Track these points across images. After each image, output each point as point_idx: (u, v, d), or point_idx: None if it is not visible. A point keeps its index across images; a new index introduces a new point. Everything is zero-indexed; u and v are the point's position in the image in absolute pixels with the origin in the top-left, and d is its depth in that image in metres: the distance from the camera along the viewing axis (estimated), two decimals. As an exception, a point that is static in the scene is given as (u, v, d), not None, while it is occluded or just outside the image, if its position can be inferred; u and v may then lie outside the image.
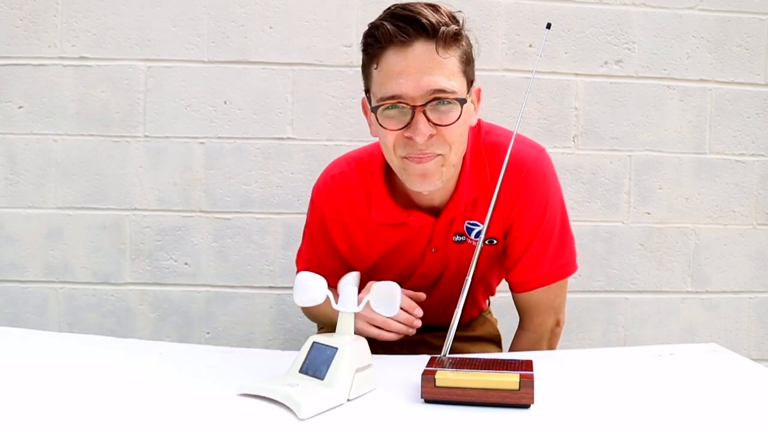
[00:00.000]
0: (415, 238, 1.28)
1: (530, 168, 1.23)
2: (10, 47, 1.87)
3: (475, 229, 1.27)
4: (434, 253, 1.29)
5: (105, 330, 1.92)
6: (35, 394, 0.90)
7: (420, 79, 1.07)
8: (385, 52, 1.10)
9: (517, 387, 0.90)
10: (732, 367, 1.12)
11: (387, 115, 1.11)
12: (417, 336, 1.40)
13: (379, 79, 1.11)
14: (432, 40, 1.08)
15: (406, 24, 1.07)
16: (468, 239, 1.28)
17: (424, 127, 1.08)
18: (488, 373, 0.93)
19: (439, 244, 1.28)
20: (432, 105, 1.09)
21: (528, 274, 1.29)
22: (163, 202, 1.93)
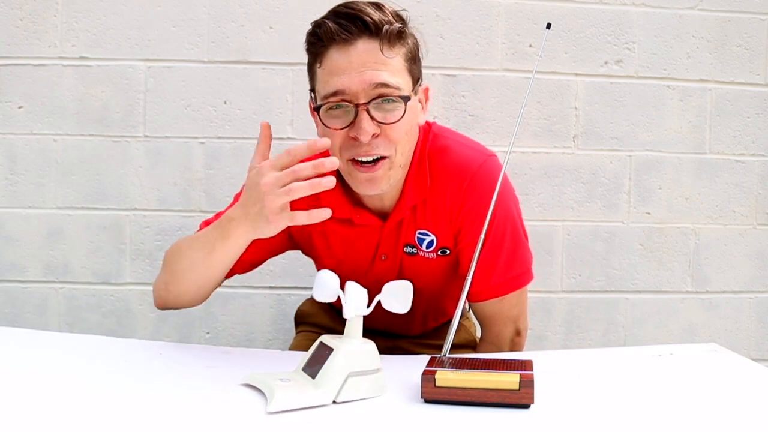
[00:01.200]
0: (363, 241, 1.25)
1: (475, 173, 1.19)
2: (10, 47, 1.87)
3: (426, 239, 1.23)
4: (384, 261, 1.26)
5: (105, 330, 1.92)
6: (35, 394, 0.90)
7: (363, 74, 1.06)
8: (327, 51, 1.09)
9: (517, 387, 0.89)
10: (732, 367, 1.12)
11: (331, 115, 1.09)
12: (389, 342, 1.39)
13: (322, 77, 1.10)
14: (375, 38, 1.07)
15: (348, 22, 1.06)
16: (420, 251, 1.24)
17: (368, 126, 1.06)
18: (488, 373, 0.93)
19: (389, 251, 1.25)
20: (376, 103, 1.07)
21: (479, 284, 1.23)
22: (163, 202, 1.92)
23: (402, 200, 1.20)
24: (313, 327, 1.50)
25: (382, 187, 1.13)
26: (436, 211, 1.22)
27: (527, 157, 1.96)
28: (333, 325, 1.47)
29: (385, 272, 1.27)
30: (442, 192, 1.20)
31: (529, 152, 1.96)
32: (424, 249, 1.24)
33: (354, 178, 1.13)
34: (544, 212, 1.99)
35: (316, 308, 1.53)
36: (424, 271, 1.27)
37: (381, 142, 1.09)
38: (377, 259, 1.26)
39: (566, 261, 2.01)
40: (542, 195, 1.98)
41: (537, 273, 2.00)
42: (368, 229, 1.23)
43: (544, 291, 2.01)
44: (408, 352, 1.42)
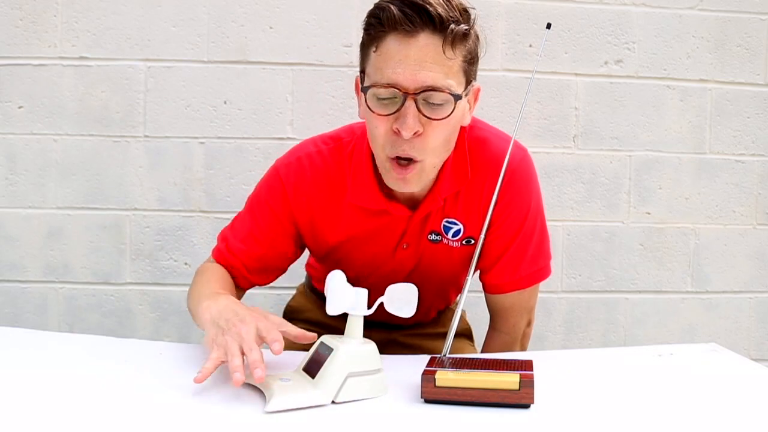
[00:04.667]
0: (387, 231, 1.23)
1: (515, 169, 1.19)
2: (10, 47, 1.87)
3: (453, 228, 1.22)
4: (405, 249, 1.24)
5: (105, 330, 1.92)
6: (35, 394, 0.90)
7: (418, 72, 1.02)
8: (386, 36, 1.03)
9: (517, 387, 0.89)
10: (732, 367, 1.12)
11: (377, 101, 1.05)
12: (386, 334, 1.40)
13: (376, 63, 1.05)
14: (439, 34, 1.03)
15: (414, 12, 1.01)
16: (444, 239, 1.24)
17: (413, 120, 1.03)
18: (488, 373, 0.93)
19: (412, 240, 1.23)
20: (425, 97, 1.03)
21: (505, 277, 1.25)
22: (163, 202, 1.92)
23: (436, 191, 1.18)
24: (303, 323, 1.49)
25: (413, 188, 1.12)
26: (469, 201, 1.20)
27: (527, 157, 1.96)
28: (325, 319, 1.45)
29: (404, 260, 1.26)
30: (479, 183, 1.19)
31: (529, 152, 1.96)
32: (450, 237, 1.23)
33: (388, 174, 1.11)
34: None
35: (307, 303, 1.51)
36: (444, 260, 1.26)
37: (418, 143, 1.06)
38: (399, 248, 1.25)
39: (566, 261, 2.01)
40: (542, 195, 1.98)
41: (537, 273, 2.01)
42: (396, 218, 1.21)
43: (544, 291, 2.00)
44: (404, 344, 1.42)
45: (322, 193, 1.22)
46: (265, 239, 1.25)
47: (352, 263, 1.27)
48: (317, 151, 1.22)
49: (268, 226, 1.24)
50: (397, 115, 1.05)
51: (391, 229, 1.23)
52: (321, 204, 1.22)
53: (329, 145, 1.23)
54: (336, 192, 1.21)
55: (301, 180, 1.21)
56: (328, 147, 1.22)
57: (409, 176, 1.09)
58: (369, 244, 1.25)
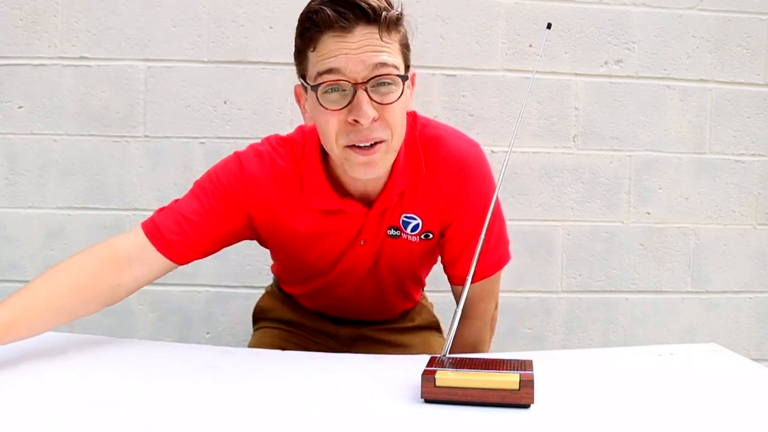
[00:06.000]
0: (344, 229, 1.24)
1: (471, 165, 1.21)
2: (10, 47, 1.87)
3: (412, 223, 1.24)
4: (363, 246, 1.25)
5: (105, 330, 1.92)
6: (35, 394, 0.90)
7: (361, 54, 1.04)
8: (322, 36, 1.06)
9: (517, 387, 0.89)
10: (732, 367, 1.12)
11: (327, 98, 1.07)
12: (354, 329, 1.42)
13: (316, 60, 1.07)
14: (374, 24, 1.06)
15: (346, 9, 1.04)
16: (403, 233, 1.25)
17: (368, 108, 1.05)
18: (488, 373, 0.93)
19: (369, 236, 1.24)
20: (373, 84, 1.06)
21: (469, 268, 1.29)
22: (163, 202, 1.90)
23: (390, 187, 1.19)
24: (272, 322, 1.49)
25: (379, 170, 1.13)
26: (426, 197, 1.22)
27: (527, 157, 1.96)
28: (294, 318, 1.46)
29: (362, 256, 1.27)
30: (437, 180, 1.21)
31: (529, 152, 1.96)
32: (408, 232, 1.25)
33: (350, 162, 1.11)
34: (544, 212, 1.99)
35: (275, 303, 1.51)
36: (404, 254, 1.28)
37: (379, 125, 1.08)
38: (356, 244, 1.26)
39: (566, 261, 2.01)
40: (542, 195, 1.98)
41: (537, 273, 2.01)
42: (352, 216, 1.22)
43: (544, 291, 2.01)
44: (373, 339, 1.43)
45: (276, 191, 1.22)
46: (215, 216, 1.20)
47: (307, 258, 1.28)
48: (276, 152, 1.23)
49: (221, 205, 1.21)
50: (349, 108, 1.06)
51: (347, 227, 1.24)
52: (276, 203, 1.22)
53: (284, 147, 1.24)
54: (291, 193, 1.22)
55: (261, 175, 1.21)
56: (284, 149, 1.23)
57: (374, 157, 1.10)
58: (324, 242, 1.25)
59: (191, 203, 1.22)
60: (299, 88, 1.16)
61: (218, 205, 1.20)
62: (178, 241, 1.18)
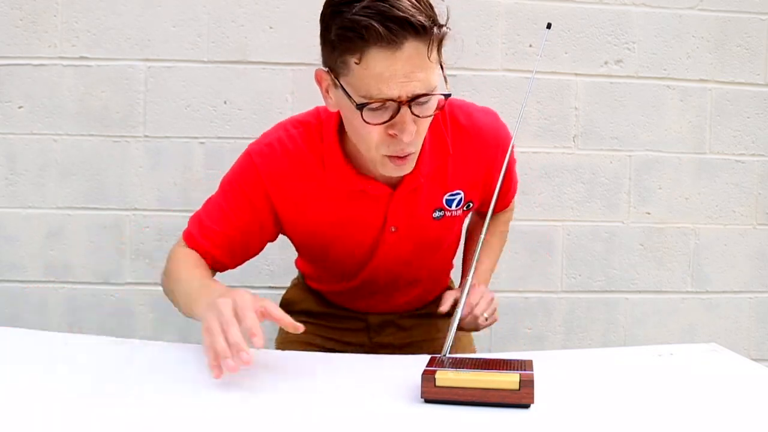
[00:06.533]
0: (368, 212, 1.23)
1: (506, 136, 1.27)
2: (10, 47, 1.87)
3: (456, 199, 1.26)
4: (394, 233, 1.24)
5: (105, 330, 1.92)
6: (35, 395, 0.90)
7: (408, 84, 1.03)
8: (369, 49, 1.02)
9: (517, 387, 0.89)
10: (732, 367, 1.12)
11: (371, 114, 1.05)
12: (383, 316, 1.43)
13: (362, 76, 1.03)
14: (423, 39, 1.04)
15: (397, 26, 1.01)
16: (447, 212, 1.26)
17: (410, 125, 1.05)
18: (488, 373, 0.93)
19: (400, 222, 1.23)
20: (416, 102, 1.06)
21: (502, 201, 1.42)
22: (163, 202, 1.93)
23: (416, 168, 1.18)
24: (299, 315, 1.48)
25: (409, 170, 1.15)
26: (465, 170, 1.24)
27: (527, 157, 1.96)
28: (321, 309, 1.45)
29: (397, 244, 1.26)
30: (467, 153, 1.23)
31: (529, 152, 1.96)
32: (453, 208, 1.26)
33: (385, 168, 1.13)
34: (544, 212, 1.99)
35: (302, 294, 1.50)
36: (446, 233, 1.30)
37: (416, 138, 1.09)
38: (386, 231, 1.25)
39: (566, 261, 2.01)
40: (542, 195, 1.98)
41: (537, 273, 2.01)
42: (376, 198, 1.21)
43: (544, 291, 2.01)
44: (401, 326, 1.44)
45: (297, 176, 1.21)
46: (238, 222, 1.23)
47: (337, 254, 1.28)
48: (288, 135, 1.22)
49: (242, 209, 1.22)
50: (392, 123, 1.06)
51: (371, 210, 1.23)
52: (297, 189, 1.21)
53: (299, 129, 1.22)
54: (311, 175, 1.21)
55: (275, 165, 1.21)
56: (298, 131, 1.22)
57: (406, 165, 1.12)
58: (351, 229, 1.24)
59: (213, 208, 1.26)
60: (322, 72, 1.14)
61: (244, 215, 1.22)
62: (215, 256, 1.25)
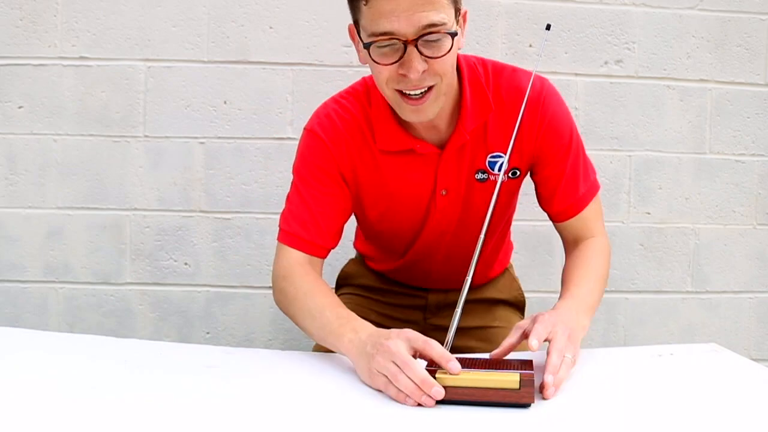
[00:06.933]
0: (420, 174, 1.24)
1: (546, 94, 1.23)
2: (10, 47, 1.87)
3: (498, 162, 1.25)
4: (445, 196, 1.26)
5: (105, 330, 1.92)
6: (35, 395, 0.90)
7: (411, 16, 1.05)
8: None
9: (517, 386, 0.89)
10: (732, 367, 1.12)
11: (379, 52, 1.09)
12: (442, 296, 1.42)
13: (368, 15, 1.08)
14: None
15: None
16: (491, 175, 1.25)
17: (418, 63, 1.07)
18: (488, 372, 0.93)
19: (450, 184, 1.25)
20: (424, 39, 1.07)
21: (569, 199, 1.29)
22: (163, 202, 1.93)
23: (460, 125, 1.20)
24: (356, 288, 1.50)
25: (429, 115, 1.15)
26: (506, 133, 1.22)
27: (527, 157, 1.96)
28: (379, 285, 1.47)
29: (447, 209, 1.27)
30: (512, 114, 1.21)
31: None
32: (496, 172, 1.25)
33: (401, 108, 1.14)
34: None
35: (361, 269, 1.52)
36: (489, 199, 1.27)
37: (428, 75, 1.09)
38: (437, 195, 1.26)
39: (566, 261, 2.01)
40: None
41: (537, 273, 2.01)
42: (425, 158, 1.23)
43: (544, 291, 2.01)
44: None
45: (355, 142, 1.24)
46: (326, 201, 1.24)
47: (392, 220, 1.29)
48: (340, 105, 1.26)
49: (324, 185, 1.24)
50: (401, 62, 1.08)
51: (422, 171, 1.24)
52: (356, 154, 1.24)
53: (348, 98, 1.26)
54: (365, 140, 1.24)
55: (336, 132, 1.24)
56: (348, 100, 1.26)
57: (425, 105, 1.12)
58: (404, 193, 1.26)
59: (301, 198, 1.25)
60: (353, 28, 1.17)
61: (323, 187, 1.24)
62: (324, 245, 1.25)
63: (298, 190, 1.26)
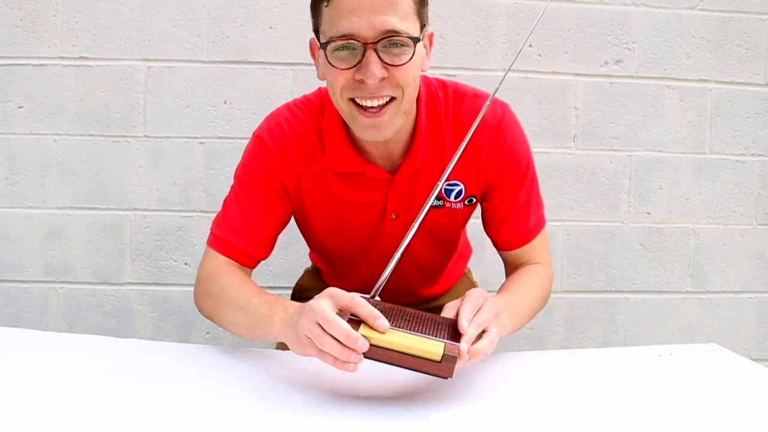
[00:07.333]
0: (368, 198, 1.21)
1: (507, 122, 1.20)
2: (10, 47, 1.87)
3: (455, 190, 1.22)
4: (395, 220, 1.22)
5: (105, 330, 1.92)
6: (35, 395, 0.90)
7: (373, 18, 1.01)
8: None
9: (439, 359, 0.87)
10: (732, 367, 1.12)
11: (337, 56, 1.05)
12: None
13: (329, 17, 1.05)
14: None
15: None
16: (446, 202, 1.23)
17: (376, 68, 1.03)
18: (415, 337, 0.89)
19: (400, 209, 1.21)
20: (384, 45, 1.03)
21: (517, 230, 1.26)
22: (163, 202, 1.93)
23: (412, 153, 1.17)
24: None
25: (386, 133, 1.10)
26: (466, 160, 1.19)
27: (527, 157, 1.96)
28: None
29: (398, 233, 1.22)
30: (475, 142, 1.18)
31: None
32: (452, 200, 1.23)
33: (357, 122, 1.10)
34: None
35: (316, 282, 1.49)
36: (446, 223, 1.26)
37: (388, 84, 1.05)
38: (387, 219, 1.23)
39: (566, 261, 2.01)
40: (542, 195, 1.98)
41: (537, 273, 2.00)
42: (375, 182, 1.20)
43: (544, 291, 2.01)
44: None
45: (304, 155, 1.20)
46: (263, 211, 1.21)
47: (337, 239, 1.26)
48: (293, 115, 1.21)
49: (264, 196, 1.21)
50: (358, 67, 1.04)
51: (371, 194, 1.21)
52: (302, 168, 1.20)
53: (302, 109, 1.22)
54: (315, 154, 1.20)
55: (285, 143, 1.19)
56: (302, 110, 1.21)
57: (383, 119, 1.08)
58: (351, 214, 1.23)
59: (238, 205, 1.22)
60: (314, 40, 1.14)
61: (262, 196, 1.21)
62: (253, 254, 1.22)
63: (236, 196, 1.22)
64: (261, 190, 1.20)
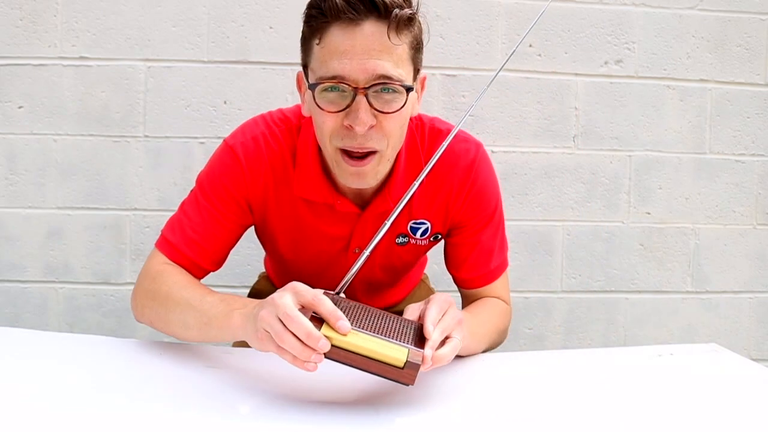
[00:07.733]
0: (334, 229, 1.19)
1: (479, 162, 1.18)
2: (10, 47, 1.87)
3: (421, 228, 1.21)
4: (357, 254, 1.15)
5: (105, 330, 1.92)
6: (35, 395, 0.90)
7: (366, 61, 0.98)
8: (329, 27, 1.00)
9: (401, 365, 0.84)
10: (732, 367, 1.12)
11: (325, 97, 1.01)
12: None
13: (320, 56, 1.01)
14: (384, 20, 0.99)
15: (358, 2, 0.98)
16: (411, 239, 1.22)
17: (365, 115, 0.99)
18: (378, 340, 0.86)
19: (363, 244, 1.15)
20: (375, 90, 1.00)
21: (478, 270, 1.24)
22: (163, 202, 1.92)
23: (386, 192, 1.15)
24: None
25: (369, 182, 1.09)
26: (434, 200, 1.18)
27: (527, 157, 1.96)
28: None
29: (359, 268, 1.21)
30: (445, 182, 1.17)
31: (529, 152, 1.96)
32: (418, 237, 1.22)
33: (341, 169, 1.07)
34: (544, 212, 1.99)
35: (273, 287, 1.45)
36: (409, 257, 1.26)
37: (375, 134, 1.03)
38: (350, 252, 1.21)
39: (566, 261, 2.01)
40: (542, 195, 1.98)
41: (537, 273, 2.01)
42: (343, 216, 1.17)
43: (544, 291, 2.01)
44: None
45: (275, 175, 1.17)
46: (222, 225, 1.17)
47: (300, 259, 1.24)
48: (271, 132, 1.17)
49: (225, 209, 1.17)
50: (347, 111, 1.01)
51: (338, 226, 1.19)
52: (271, 187, 1.17)
53: (281, 127, 1.18)
54: (286, 176, 1.17)
55: (259, 160, 1.16)
56: (280, 129, 1.18)
57: (366, 168, 1.06)
58: (315, 241, 1.21)
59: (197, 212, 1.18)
60: (302, 74, 1.11)
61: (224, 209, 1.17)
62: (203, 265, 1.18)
63: (197, 203, 1.18)
64: (224, 203, 1.17)
